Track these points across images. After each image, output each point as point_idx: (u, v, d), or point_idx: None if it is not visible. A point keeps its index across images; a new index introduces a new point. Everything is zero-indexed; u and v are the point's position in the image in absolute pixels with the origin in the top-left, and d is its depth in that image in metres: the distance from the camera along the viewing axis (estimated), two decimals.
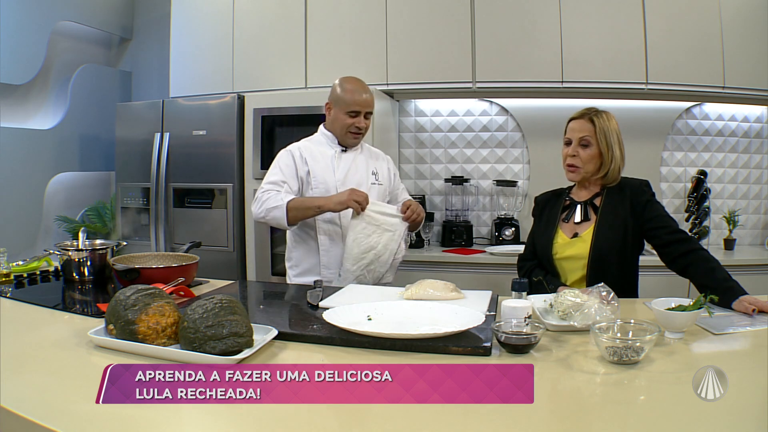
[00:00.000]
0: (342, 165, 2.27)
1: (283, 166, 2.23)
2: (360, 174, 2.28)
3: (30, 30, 3.69)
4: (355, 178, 2.26)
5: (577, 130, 1.96)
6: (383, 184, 2.36)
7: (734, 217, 3.44)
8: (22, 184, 3.68)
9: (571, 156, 1.97)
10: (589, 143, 1.94)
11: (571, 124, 1.99)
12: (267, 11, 3.56)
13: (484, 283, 2.99)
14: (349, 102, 2.20)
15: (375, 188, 2.30)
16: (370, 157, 2.38)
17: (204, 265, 2.07)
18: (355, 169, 2.28)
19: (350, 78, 2.28)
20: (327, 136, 2.30)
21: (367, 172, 2.31)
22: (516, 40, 3.26)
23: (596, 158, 1.95)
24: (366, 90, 2.25)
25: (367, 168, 2.32)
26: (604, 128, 1.93)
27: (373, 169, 2.33)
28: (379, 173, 2.36)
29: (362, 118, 2.23)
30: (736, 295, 1.62)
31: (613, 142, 1.94)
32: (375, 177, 2.33)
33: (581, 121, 1.96)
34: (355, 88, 2.23)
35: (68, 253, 2.03)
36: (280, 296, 1.95)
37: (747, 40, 3.18)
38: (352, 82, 2.26)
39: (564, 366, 1.22)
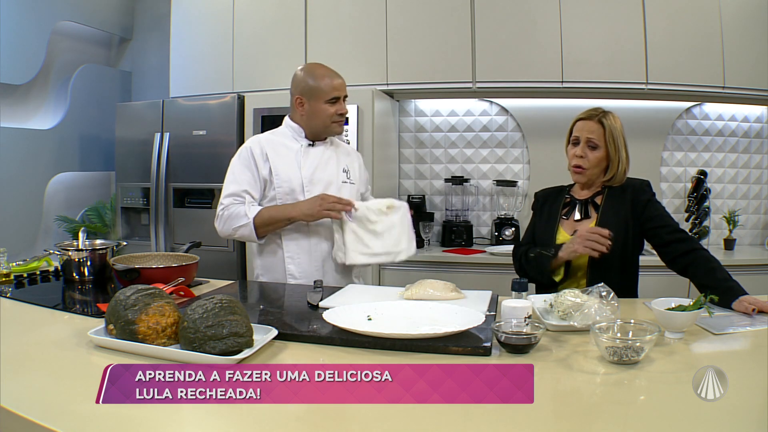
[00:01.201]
0: (309, 160, 2.09)
1: (241, 170, 2.06)
2: (329, 171, 2.10)
3: (30, 30, 3.69)
4: (324, 175, 2.09)
5: (585, 130, 1.94)
6: (355, 183, 2.17)
7: (734, 217, 3.44)
8: (22, 184, 3.68)
9: (579, 157, 1.95)
10: (598, 145, 1.93)
11: (580, 124, 1.97)
12: (267, 11, 3.56)
13: (484, 283, 2.98)
14: (327, 89, 2.04)
15: (346, 187, 2.12)
16: (341, 152, 2.19)
17: (204, 265, 2.07)
18: (324, 164, 2.10)
19: (316, 64, 2.12)
20: (293, 129, 2.13)
21: (337, 168, 2.12)
22: (516, 40, 3.26)
23: (603, 161, 1.95)
24: (337, 73, 2.09)
25: (337, 164, 2.13)
26: (613, 131, 1.92)
27: (344, 165, 2.15)
28: (351, 171, 2.17)
29: (343, 103, 2.07)
30: (736, 295, 1.62)
31: (620, 145, 1.93)
32: (346, 175, 2.15)
33: (590, 123, 1.94)
34: (327, 73, 2.06)
35: (68, 253, 2.03)
36: (280, 296, 1.95)
37: (747, 40, 3.19)
38: (320, 68, 2.08)
39: (564, 366, 1.22)
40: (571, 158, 1.98)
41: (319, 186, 2.08)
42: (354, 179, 2.17)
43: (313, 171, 2.08)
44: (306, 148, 2.11)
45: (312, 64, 2.13)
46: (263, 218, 2.01)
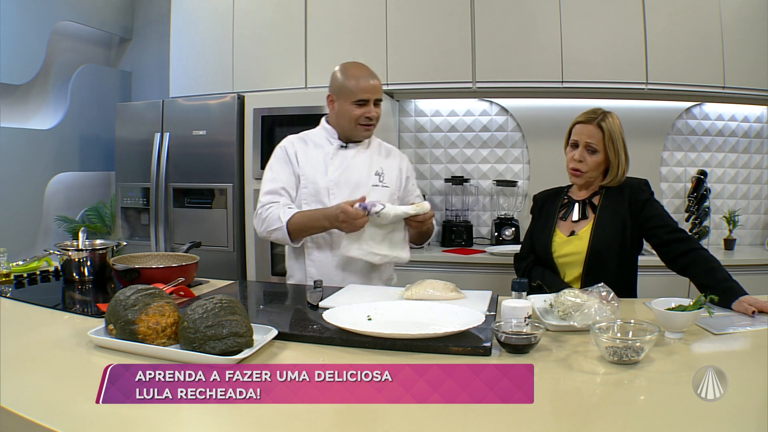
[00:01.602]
0: (337, 163, 2.03)
1: (279, 168, 2.05)
2: (358, 173, 2.04)
3: (30, 30, 3.69)
4: (353, 177, 2.03)
5: (585, 134, 1.93)
6: (389, 186, 2.08)
7: (734, 217, 3.44)
8: (22, 184, 3.68)
9: (578, 161, 1.94)
10: (597, 150, 1.92)
11: (578, 127, 1.95)
12: (267, 11, 3.56)
13: (484, 283, 2.99)
14: (354, 90, 1.96)
15: (377, 191, 2.04)
16: (378, 153, 2.11)
17: (204, 265, 2.07)
18: (353, 167, 2.04)
19: (352, 63, 2.03)
20: (327, 130, 2.09)
21: (369, 171, 2.05)
22: (516, 40, 3.26)
23: (602, 164, 1.94)
24: (372, 75, 2.00)
25: (369, 167, 2.06)
26: (613, 134, 1.91)
27: (377, 168, 2.07)
28: (386, 173, 2.08)
29: (372, 107, 1.99)
30: (736, 296, 1.61)
31: (620, 148, 1.92)
32: (379, 177, 2.06)
33: (589, 126, 1.92)
34: (360, 73, 1.98)
35: (68, 253, 2.03)
36: (280, 296, 1.95)
37: (747, 40, 3.18)
38: (355, 67, 2.00)
39: (564, 366, 1.22)
40: (570, 161, 1.97)
41: (346, 189, 2.01)
42: (388, 182, 2.08)
43: (340, 174, 2.02)
44: (337, 150, 2.05)
45: (349, 63, 2.05)
46: (296, 224, 1.95)
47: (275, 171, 2.06)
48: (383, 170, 2.09)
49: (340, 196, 2.00)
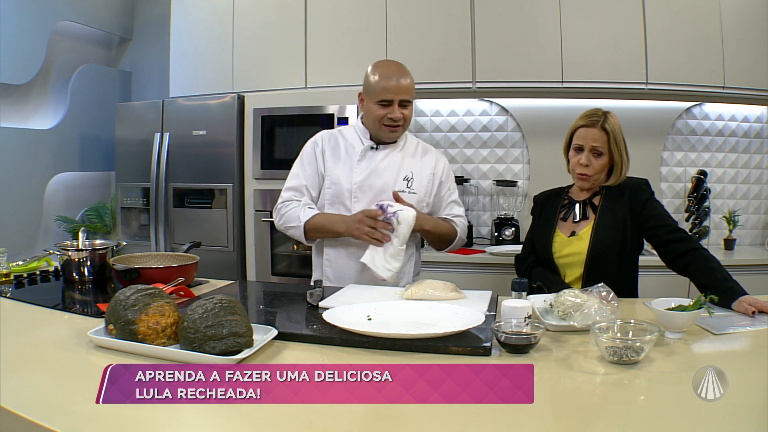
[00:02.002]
0: (363, 165, 1.95)
1: (306, 163, 1.99)
2: (385, 178, 1.94)
3: (30, 30, 3.69)
4: (378, 182, 1.94)
5: (590, 138, 1.91)
6: (417, 192, 1.97)
7: (734, 217, 3.44)
8: (22, 184, 3.68)
9: (584, 165, 1.92)
10: (603, 152, 1.91)
11: (582, 131, 1.93)
12: (267, 11, 3.56)
13: (484, 283, 2.99)
14: (378, 90, 1.87)
15: (404, 197, 1.93)
16: (413, 156, 2.00)
17: (204, 265, 2.07)
18: (381, 171, 1.95)
19: (383, 61, 1.94)
20: (359, 129, 2.01)
21: (397, 176, 1.95)
22: (516, 40, 3.26)
23: (607, 166, 1.94)
24: (402, 73, 1.89)
25: (398, 171, 1.96)
26: (616, 135, 1.91)
27: (407, 172, 1.97)
28: (416, 178, 1.97)
29: (396, 108, 1.88)
30: (736, 296, 1.61)
31: (623, 148, 1.92)
32: (407, 183, 1.96)
33: (594, 130, 1.91)
34: (388, 72, 1.88)
35: (68, 253, 2.03)
36: (280, 296, 1.95)
37: (747, 40, 3.18)
38: (384, 66, 1.91)
39: (564, 366, 1.22)
40: (575, 166, 1.95)
41: (370, 194, 1.95)
42: (416, 188, 1.98)
43: (366, 177, 1.95)
44: (366, 151, 1.96)
45: (381, 60, 1.96)
46: (314, 224, 1.93)
47: (299, 167, 2.02)
48: (413, 174, 1.99)
49: (363, 201, 1.95)
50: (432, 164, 2.04)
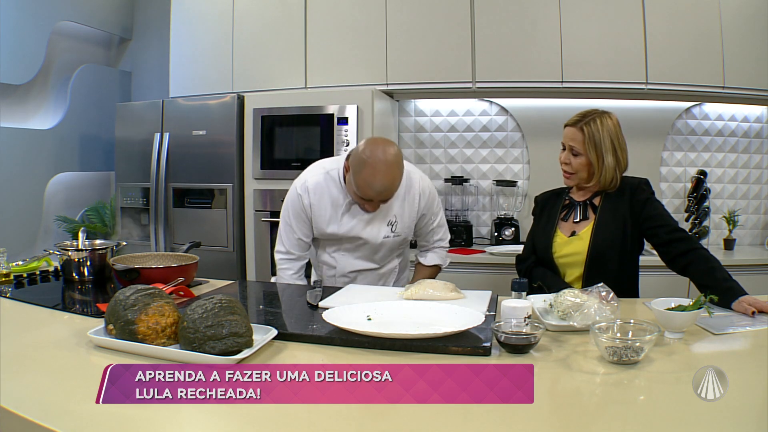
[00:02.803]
0: (348, 217, 2.03)
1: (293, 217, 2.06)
2: (370, 228, 2.05)
3: (30, 30, 3.69)
4: (364, 232, 2.04)
5: (568, 137, 1.95)
6: (401, 234, 2.09)
7: (734, 217, 3.44)
8: (22, 184, 3.68)
9: (564, 163, 1.97)
10: (579, 152, 1.93)
11: (565, 130, 1.98)
12: (267, 11, 3.56)
13: (484, 283, 2.99)
14: (362, 187, 1.88)
15: (387, 242, 2.07)
16: (396, 198, 2.01)
17: (204, 265, 2.07)
18: (365, 223, 2.04)
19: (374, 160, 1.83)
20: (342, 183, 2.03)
21: (380, 224, 2.05)
22: (516, 40, 3.26)
23: (586, 167, 1.94)
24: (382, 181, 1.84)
25: (383, 218, 2.04)
26: (595, 137, 1.90)
27: (391, 217, 2.05)
28: (399, 222, 2.06)
29: (373, 203, 1.94)
30: (736, 296, 1.61)
31: (605, 150, 1.90)
32: (391, 228, 2.06)
33: (573, 129, 1.94)
34: (369, 181, 1.84)
35: (68, 253, 2.03)
36: (279, 296, 1.95)
37: (747, 40, 3.18)
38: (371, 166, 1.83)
39: (564, 366, 1.22)
40: (561, 163, 2.00)
41: (358, 241, 2.07)
42: (400, 230, 2.08)
43: (351, 228, 2.04)
44: (349, 205, 2.02)
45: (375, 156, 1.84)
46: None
47: (289, 221, 2.08)
48: (396, 218, 2.07)
49: (351, 244, 2.09)
50: (416, 201, 2.08)
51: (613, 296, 1.47)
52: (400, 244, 2.16)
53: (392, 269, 2.22)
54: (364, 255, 2.12)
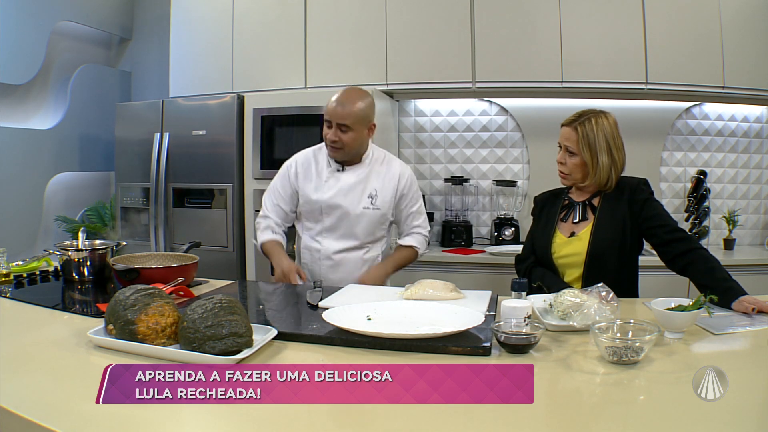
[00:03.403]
0: (331, 185, 2.14)
1: (281, 183, 2.20)
2: (351, 197, 2.13)
3: (30, 30, 3.69)
4: (345, 201, 2.13)
5: (564, 137, 1.96)
6: (380, 209, 2.16)
7: (734, 217, 3.44)
8: (22, 184, 3.68)
9: (560, 163, 1.98)
10: (574, 152, 1.93)
11: (561, 130, 1.98)
12: (267, 11, 3.56)
13: (484, 283, 2.99)
14: (326, 109, 2.06)
15: (366, 214, 2.15)
16: (378, 172, 2.18)
17: (204, 265, 2.07)
18: (347, 191, 2.13)
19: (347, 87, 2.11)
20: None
21: (362, 194, 2.14)
22: (516, 40, 3.26)
23: (581, 166, 1.94)
24: (348, 100, 2.05)
25: (363, 189, 2.14)
26: (589, 136, 1.90)
27: (371, 190, 2.15)
28: (380, 195, 2.16)
29: (333, 130, 2.05)
30: (736, 296, 1.61)
31: (599, 150, 1.90)
32: (371, 200, 2.15)
33: (568, 129, 1.95)
34: (337, 96, 2.06)
35: (68, 253, 2.03)
36: (280, 296, 1.95)
37: (747, 40, 3.18)
38: (341, 91, 2.08)
39: (564, 366, 1.22)
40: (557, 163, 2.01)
41: (338, 211, 2.14)
42: (380, 204, 2.16)
43: (332, 196, 2.13)
44: (332, 172, 2.16)
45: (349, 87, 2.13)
46: (265, 250, 2.19)
47: (276, 186, 2.23)
48: (377, 192, 2.16)
49: (332, 217, 2.16)
50: (396, 179, 2.19)
51: (613, 296, 1.47)
52: (380, 222, 2.19)
53: (374, 257, 2.23)
54: (345, 233, 2.16)
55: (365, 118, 2.08)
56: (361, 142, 2.11)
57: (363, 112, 2.07)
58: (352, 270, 2.18)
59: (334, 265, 2.18)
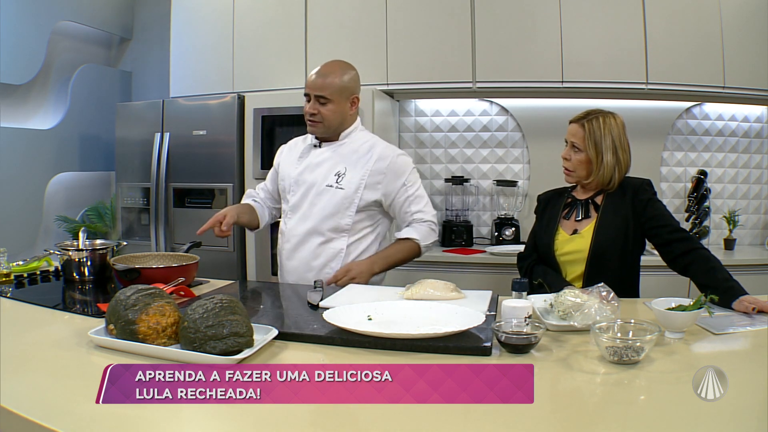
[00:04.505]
0: (304, 162, 2.08)
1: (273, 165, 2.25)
2: (317, 174, 2.04)
3: (30, 30, 3.69)
4: (311, 176, 2.04)
5: (571, 134, 1.98)
6: (345, 188, 1.99)
7: (734, 217, 3.44)
8: (22, 184, 3.68)
9: (565, 159, 2.00)
10: (580, 148, 1.95)
11: (569, 126, 2.01)
12: (267, 11, 3.56)
13: (484, 283, 2.99)
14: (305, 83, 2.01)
15: (329, 192, 2.00)
16: (352, 152, 2.03)
17: (204, 265, 2.07)
18: (315, 167, 2.05)
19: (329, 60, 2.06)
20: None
21: (329, 170, 2.02)
22: (516, 40, 3.26)
23: (585, 164, 1.95)
24: (327, 71, 1.97)
25: (332, 166, 2.02)
26: (596, 134, 1.92)
27: (340, 168, 2.01)
28: (348, 174, 2.00)
29: (312, 102, 1.97)
30: (737, 295, 1.61)
31: (605, 149, 1.92)
32: (338, 178, 2.00)
33: (575, 125, 1.98)
34: (316, 69, 2.00)
35: (68, 253, 2.03)
36: (280, 296, 1.95)
37: (747, 40, 3.18)
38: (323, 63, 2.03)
39: (564, 366, 1.22)
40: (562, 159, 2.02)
41: (302, 188, 2.07)
42: (345, 184, 1.99)
43: (301, 172, 2.08)
44: (309, 149, 2.11)
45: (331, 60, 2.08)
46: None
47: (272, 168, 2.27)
48: (346, 170, 2.01)
49: (296, 194, 2.09)
50: (372, 159, 2.01)
51: (614, 296, 1.47)
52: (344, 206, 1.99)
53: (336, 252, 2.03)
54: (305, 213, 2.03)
55: (346, 90, 1.98)
56: (342, 116, 2.00)
57: (343, 83, 1.97)
58: (307, 259, 2.04)
59: (291, 250, 2.08)
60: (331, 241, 2.04)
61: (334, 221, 2.02)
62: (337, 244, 2.04)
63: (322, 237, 2.04)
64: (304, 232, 2.05)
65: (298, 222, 2.07)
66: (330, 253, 2.05)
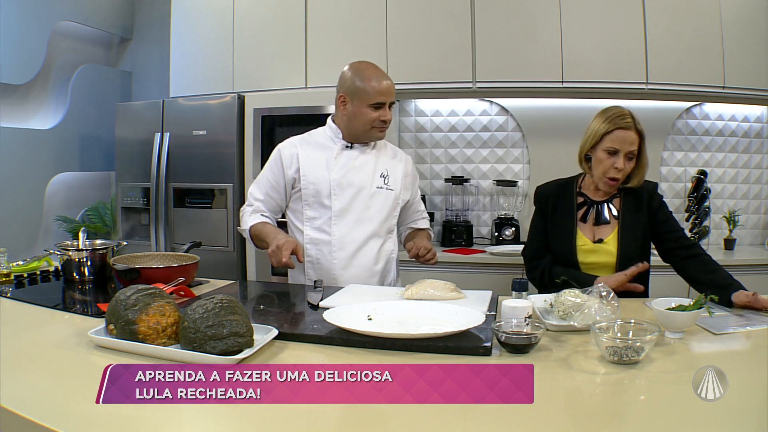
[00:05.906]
0: (341, 163, 1.98)
1: (267, 171, 2.04)
2: (362, 175, 1.99)
3: (30, 30, 3.69)
4: (356, 179, 1.98)
5: (627, 142, 1.85)
6: (394, 189, 2.03)
7: (734, 217, 3.44)
8: (22, 184, 3.68)
9: (616, 168, 1.87)
10: (634, 155, 1.88)
11: (620, 134, 1.85)
12: (267, 11, 3.56)
13: (484, 283, 2.98)
14: (372, 93, 1.90)
15: (381, 194, 2.00)
16: (384, 156, 2.05)
17: (204, 265, 2.07)
18: (358, 168, 1.99)
19: (365, 64, 1.97)
20: (332, 129, 2.03)
21: (373, 173, 2.00)
22: (516, 40, 3.26)
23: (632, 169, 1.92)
24: (387, 76, 1.95)
25: (374, 168, 2.00)
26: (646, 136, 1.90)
27: (383, 170, 2.02)
28: (391, 176, 2.03)
29: (387, 110, 1.94)
30: (736, 290, 1.63)
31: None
32: (384, 180, 2.00)
33: (630, 133, 1.85)
34: (377, 75, 1.93)
35: (68, 253, 2.03)
36: (280, 296, 1.95)
37: (747, 40, 3.18)
38: (370, 68, 1.95)
39: (564, 366, 1.22)
40: (608, 169, 1.88)
41: (350, 191, 1.98)
42: (393, 185, 2.02)
43: (344, 174, 1.97)
44: (341, 150, 2.00)
45: (361, 63, 1.98)
46: (255, 231, 2.00)
47: (264, 174, 2.07)
48: (388, 172, 2.03)
49: (343, 198, 1.98)
50: (402, 163, 2.10)
51: (614, 296, 1.47)
52: (393, 207, 2.03)
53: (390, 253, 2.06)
54: (359, 217, 1.97)
55: None
56: None
57: None
58: (368, 265, 1.99)
59: (349, 258, 1.98)
60: (386, 243, 2.05)
61: (389, 223, 2.05)
62: (390, 246, 2.07)
63: (381, 240, 2.03)
64: (365, 237, 1.99)
65: (353, 227, 1.98)
66: (386, 256, 2.05)
